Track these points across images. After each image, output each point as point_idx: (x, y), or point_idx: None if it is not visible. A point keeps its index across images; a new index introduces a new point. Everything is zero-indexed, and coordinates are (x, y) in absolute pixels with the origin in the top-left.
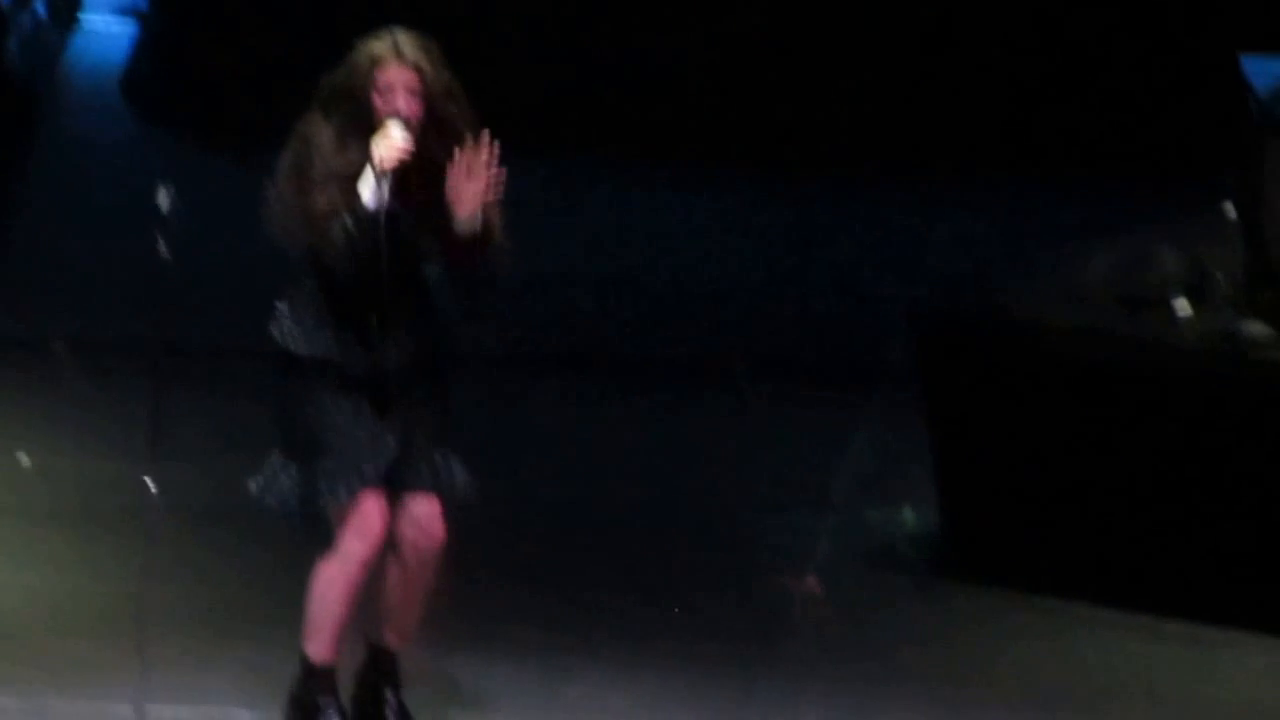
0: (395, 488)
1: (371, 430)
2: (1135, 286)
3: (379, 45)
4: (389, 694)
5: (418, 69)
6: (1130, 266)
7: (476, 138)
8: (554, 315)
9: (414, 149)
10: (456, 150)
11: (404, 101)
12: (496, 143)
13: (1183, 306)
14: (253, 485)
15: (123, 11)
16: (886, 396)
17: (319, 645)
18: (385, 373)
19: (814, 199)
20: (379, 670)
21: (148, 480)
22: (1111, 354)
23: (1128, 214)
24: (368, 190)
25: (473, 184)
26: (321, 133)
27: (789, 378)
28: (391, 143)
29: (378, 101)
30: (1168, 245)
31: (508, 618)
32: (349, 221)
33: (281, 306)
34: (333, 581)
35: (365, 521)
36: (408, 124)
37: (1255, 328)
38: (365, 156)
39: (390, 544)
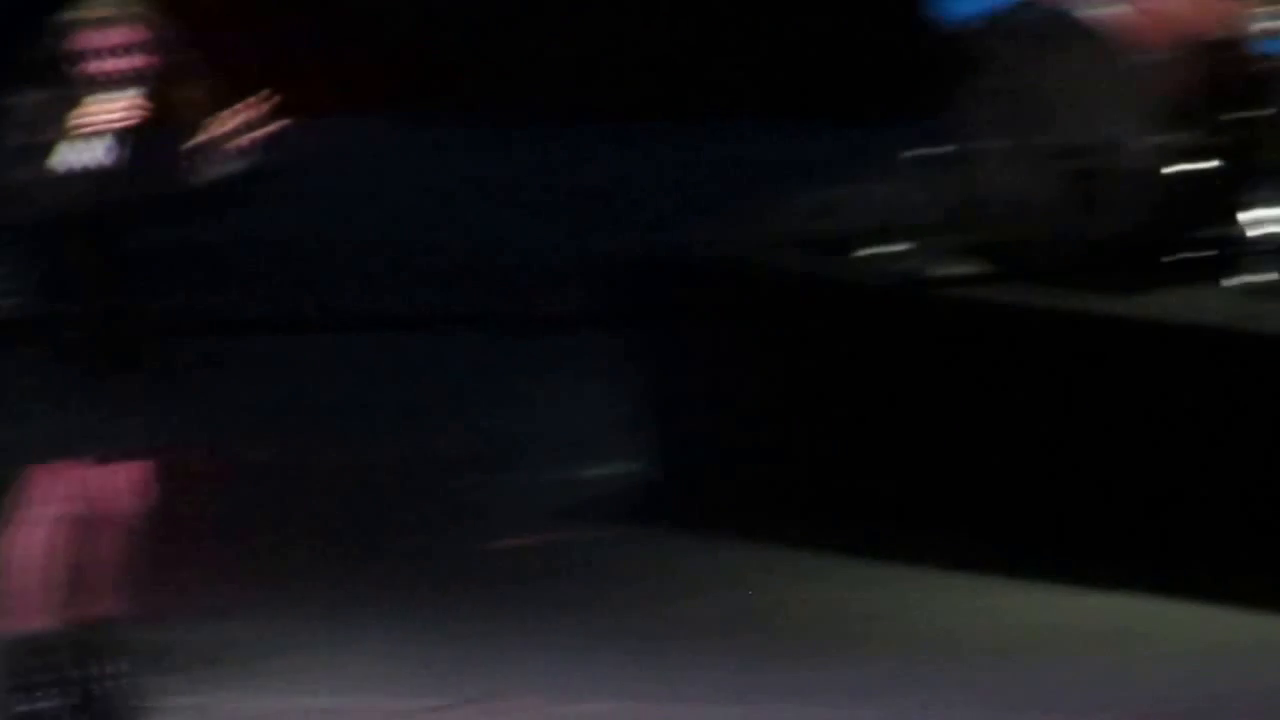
0: (104, 451)
1: (82, 392)
2: (835, 228)
3: (93, 7)
4: (108, 664)
5: (136, 24)
6: (830, 208)
7: (203, 88)
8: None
9: (144, 105)
10: (185, 102)
11: (127, 59)
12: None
13: (881, 247)
14: None
15: None
16: (588, 345)
17: (28, 616)
18: (99, 335)
19: (512, 147)
20: (97, 640)
21: None
22: (816, 296)
23: (828, 155)
24: (101, 151)
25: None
26: (41, 100)
27: (483, 328)
28: (120, 102)
29: (99, 63)
30: (869, 186)
31: (226, 581)
32: (78, 185)
33: None
34: (33, 547)
35: (64, 485)
36: (133, 80)
37: (955, 268)
38: (92, 118)
39: (99, 509)
